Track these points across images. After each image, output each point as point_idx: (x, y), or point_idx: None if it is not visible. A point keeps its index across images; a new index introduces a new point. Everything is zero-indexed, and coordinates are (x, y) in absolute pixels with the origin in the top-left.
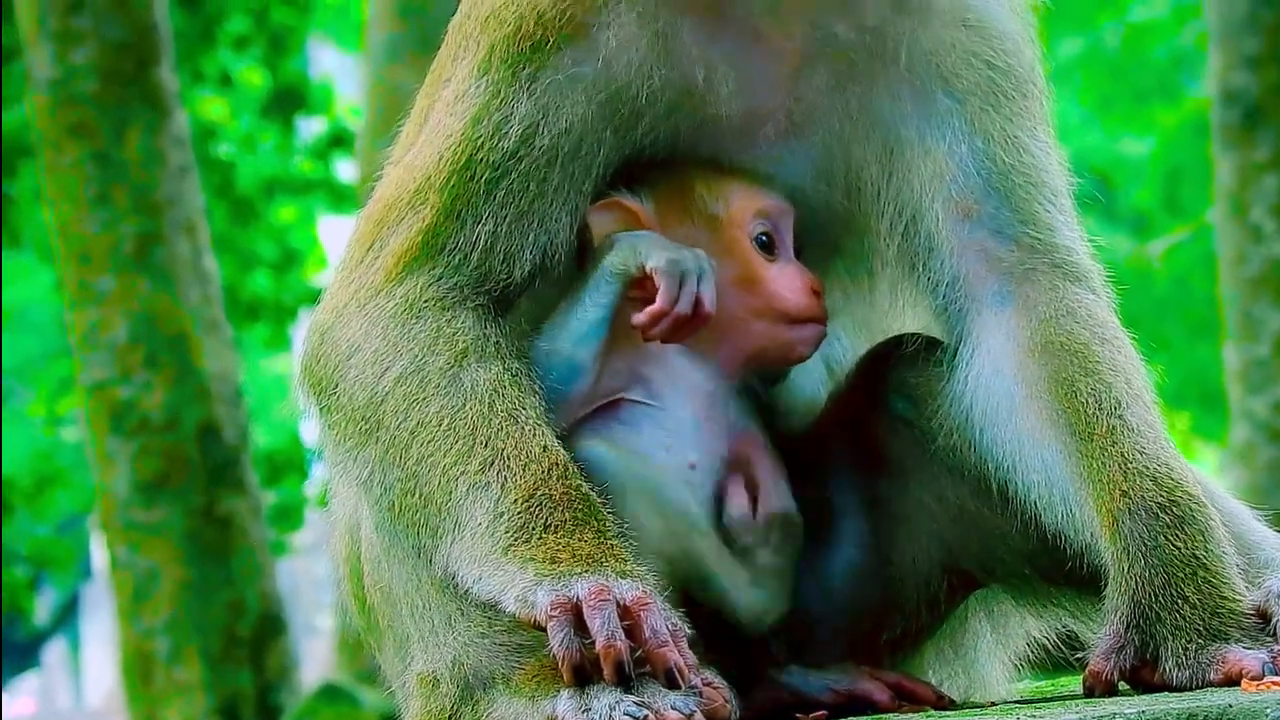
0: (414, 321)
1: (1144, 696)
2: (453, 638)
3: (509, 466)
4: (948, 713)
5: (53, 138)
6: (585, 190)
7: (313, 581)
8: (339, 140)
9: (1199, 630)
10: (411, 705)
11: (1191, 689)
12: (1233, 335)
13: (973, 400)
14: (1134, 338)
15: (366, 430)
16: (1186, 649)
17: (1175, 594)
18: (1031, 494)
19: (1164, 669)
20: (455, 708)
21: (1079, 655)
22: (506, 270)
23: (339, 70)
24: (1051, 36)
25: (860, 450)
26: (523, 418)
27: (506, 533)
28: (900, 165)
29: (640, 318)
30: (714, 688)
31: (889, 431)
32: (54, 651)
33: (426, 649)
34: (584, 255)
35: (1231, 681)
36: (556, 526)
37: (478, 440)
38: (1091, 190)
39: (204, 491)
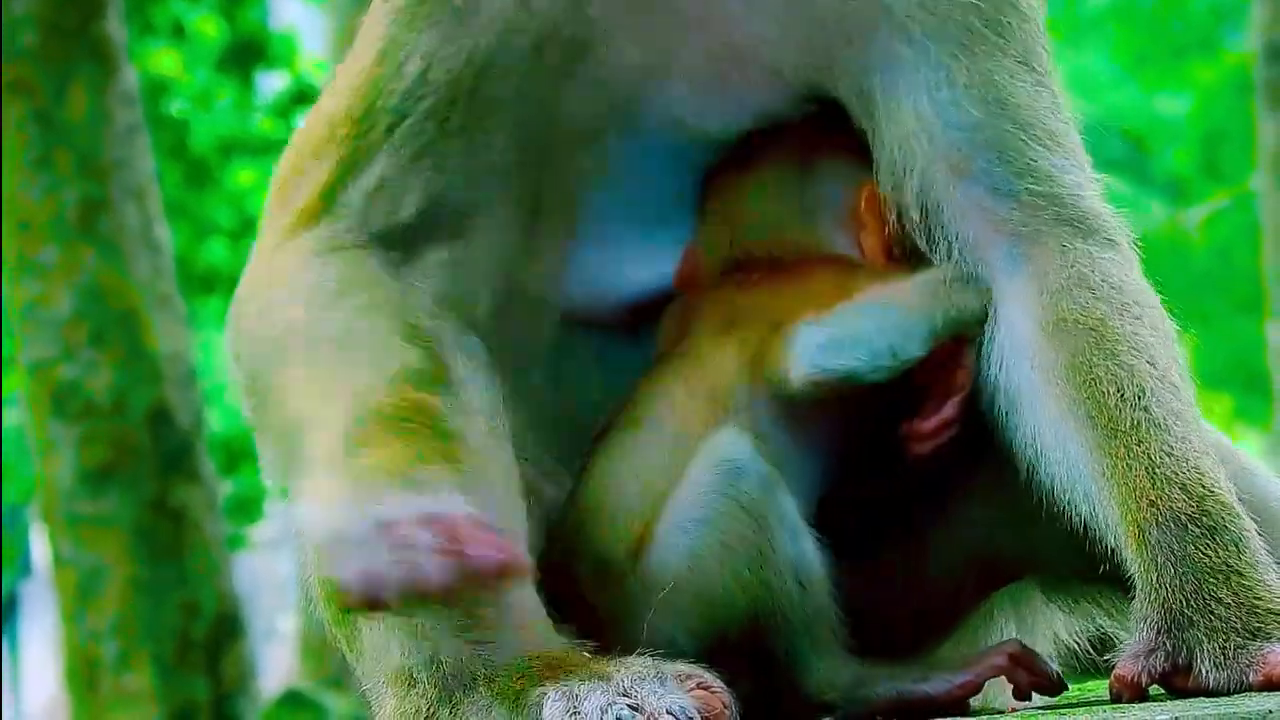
0: (301, 273)
1: (1176, 701)
2: (430, 631)
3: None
4: (968, 718)
5: None
6: (494, 137)
7: (274, 580)
8: (302, 97)
9: (1236, 630)
10: (385, 705)
11: (1229, 693)
12: (1277, 312)
13: (997, 381)
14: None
15: (250, 390)
16: (1225, 649)
17: (1208, 596)
18: (1056, 487)
19: (1199, 671)
20: (432, 709)
21: (1107, 658)
22: (393, 213)
23: (303, 22)
24: None
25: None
26: (372, 364)
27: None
28: (874, 123)
29: (929, 424)
30: (711, 690)
31: None
32: None
33: (401, 644)
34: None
35: (1273, 684)
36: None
37: (328, 393)
38: (1124, 153)
39: (155, 481)
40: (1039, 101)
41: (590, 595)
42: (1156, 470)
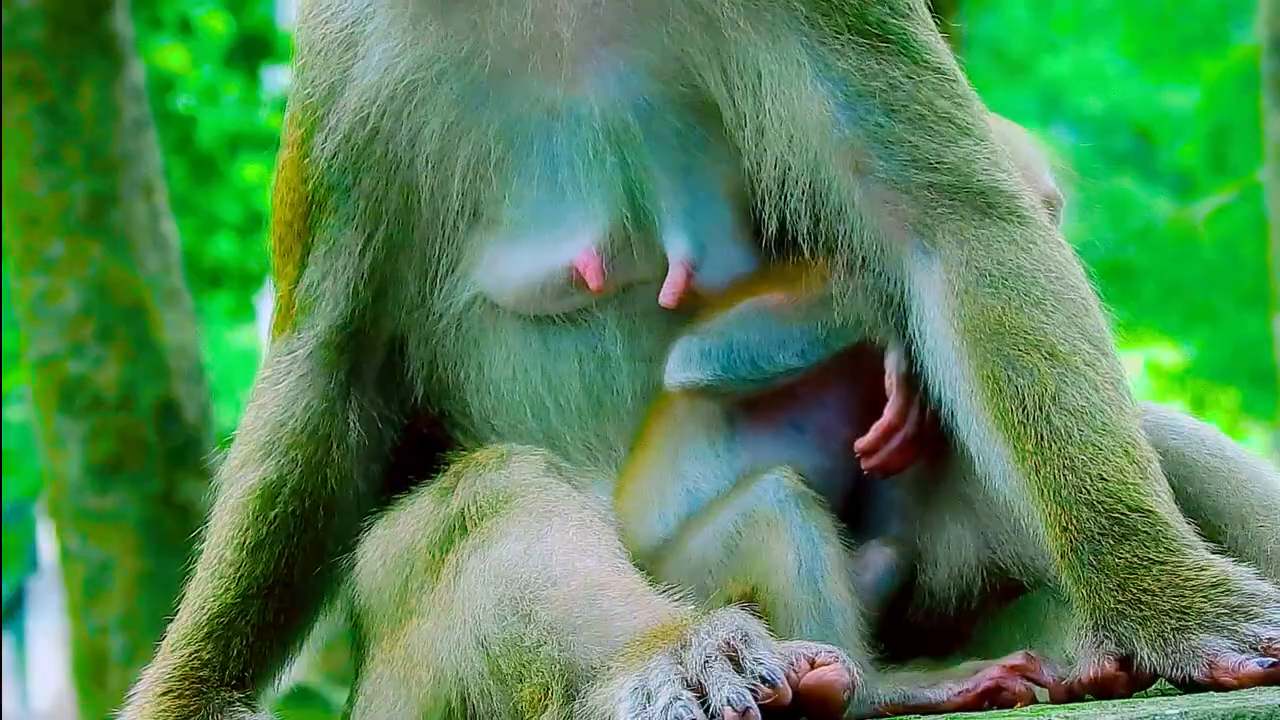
0: (256, 406)
1: (1186, 696)
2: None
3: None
4: (980, 711)
5: None
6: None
7: None
8: None
9: (1165, 612)
10: None
11: (1176, 678)
12: None
13: (937, 386)
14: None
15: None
16: (1161, 633)
17: (1135, 589)
18: (1006, 502)
19: (1142, 658)
20: (566, 709)
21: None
22: (330, 309)
23: None
24: None
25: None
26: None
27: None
28: (763, 126)
29: (868, 438)
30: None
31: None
32: None
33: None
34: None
35: (1219, 686)
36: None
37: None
38: (1131, 147)
39: (162, 476)
40: (922, 87)
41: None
42: (1062, 493)
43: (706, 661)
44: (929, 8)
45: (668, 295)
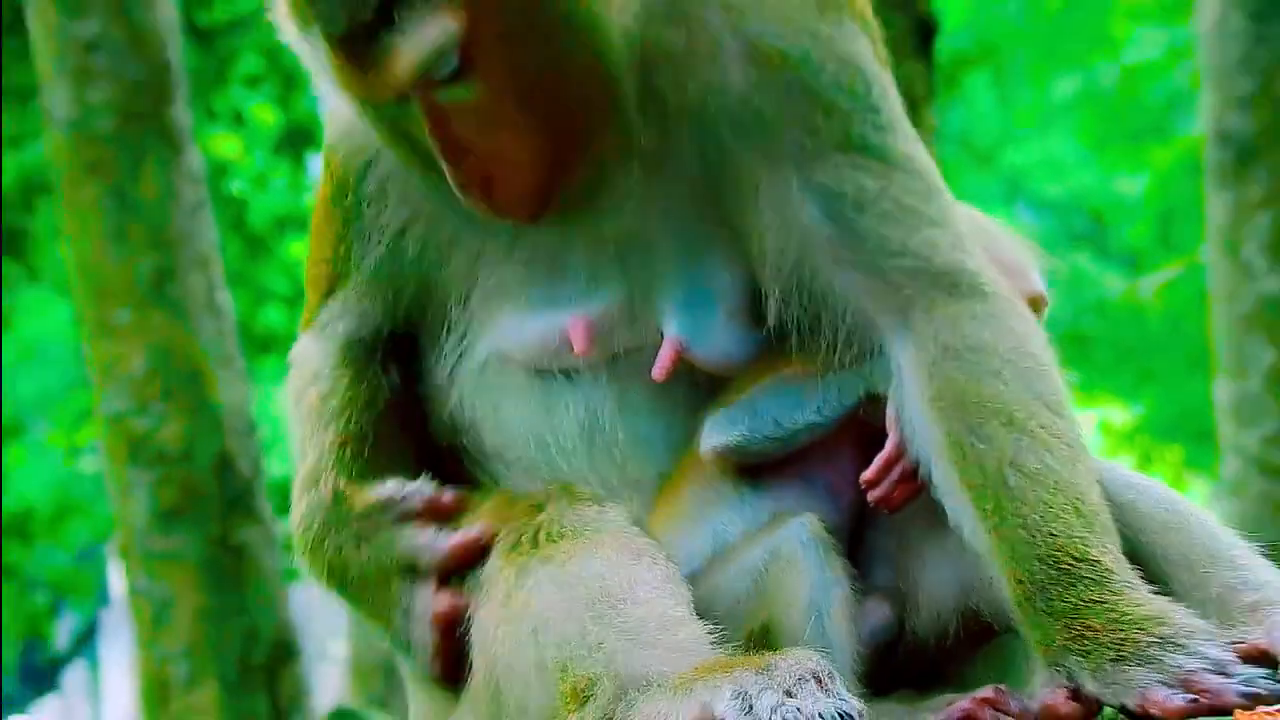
0: (300, 358)
1: None
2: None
3: None
4: None
5: (70, 175)
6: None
7: (325, 609)
8: None
9: (1104, 645)
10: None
11: (1115, 706)
12: (1224, 371)
13: (914, 449)
14: (1121, 361)
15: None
16: (1099, 665)
17: (1080, 628)
18: (970, 549)
19: (1085, 688)
20: (610, 711)
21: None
22: (351, 329)
23: None
24: (1048, 76)
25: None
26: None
27: None
28: (758, 230)
29: (872, 469)
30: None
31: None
32: (74, 675)
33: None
34: None
35: (1151, 716)
36: None
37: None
38: (1087, 228)
39: (219, 521)
40: (890, 186)
41: None
42: (1017, 549)
43: (800, 680)
44: (906, 100)
45: (658, 370)
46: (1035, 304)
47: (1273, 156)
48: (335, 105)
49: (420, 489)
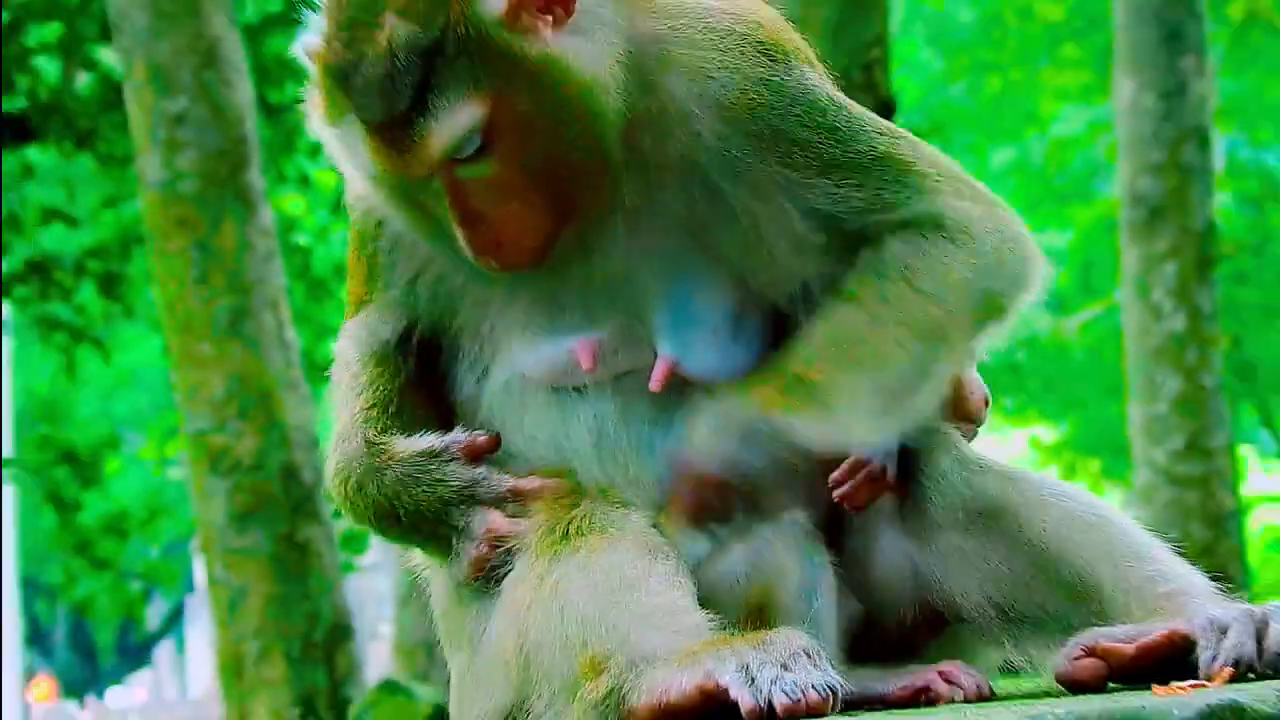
0: (344, 343)
1: (1071, 698)
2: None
3: None
4: (895, 711)
5: (161, 229)
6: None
7: (375, 596)
8: None
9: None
10: (566, 709)
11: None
12: (1136, 396)
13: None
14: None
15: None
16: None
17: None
18: None
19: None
20: (622, 680)
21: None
22: (386, 325)
23: None
24: (988, 147)
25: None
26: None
27: None
28: (751, 248)
29: (840, 470)
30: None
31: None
32: (163, 652)
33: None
34: None
35: (1068, 681)
36: None
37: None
38: None
39: (286, 521)
40: (870, 178)
41: None
42: None
43: (794, 655)
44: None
45: (654, 384)
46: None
47: (1178, 216)
48: (349, 173)
49: (457, 437)
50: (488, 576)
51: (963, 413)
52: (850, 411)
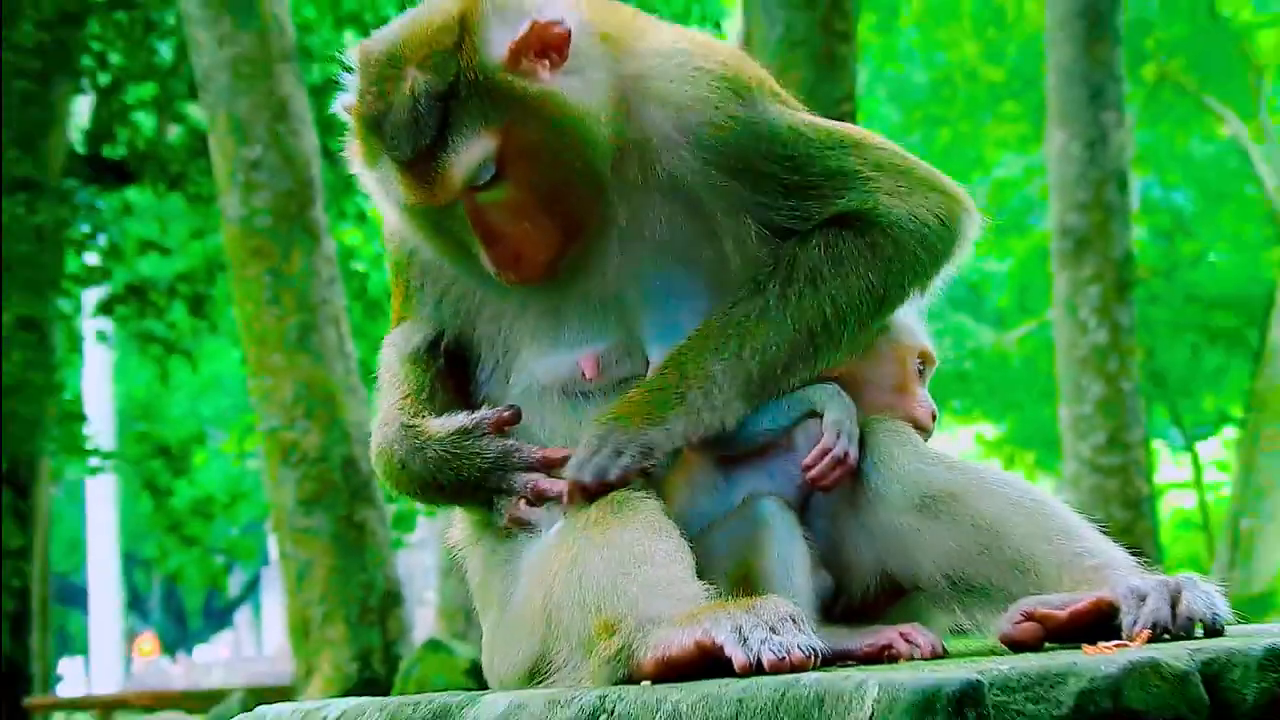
0: (387, 351)
1: (1013, 656)
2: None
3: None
4: (863, 666)
5: (240, 258)
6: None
7: (421, 568)
8: None
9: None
10: (581, 664)
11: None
12: (1065, 399)
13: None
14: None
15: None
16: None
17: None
18: None
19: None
20: (630, 640)
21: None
22: (418, 333)
23: None
24: None
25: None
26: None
27: None
28: (728, 261)
29: (810, 456)
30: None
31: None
32: (242, 615)
33: (611, 603)
34: None
35: (1010, 642)
36: None
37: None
38: (967, 296)
39: (346, 505)
40: (828, 190)
41: None
42: None
43: (780, 619)
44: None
45: None
46: (925, 358)
47: (1101, 246)
48: (385, 210)
49: (485, 414)
50: (525, 528)
51: (914, 425)
52: (711, 399)
